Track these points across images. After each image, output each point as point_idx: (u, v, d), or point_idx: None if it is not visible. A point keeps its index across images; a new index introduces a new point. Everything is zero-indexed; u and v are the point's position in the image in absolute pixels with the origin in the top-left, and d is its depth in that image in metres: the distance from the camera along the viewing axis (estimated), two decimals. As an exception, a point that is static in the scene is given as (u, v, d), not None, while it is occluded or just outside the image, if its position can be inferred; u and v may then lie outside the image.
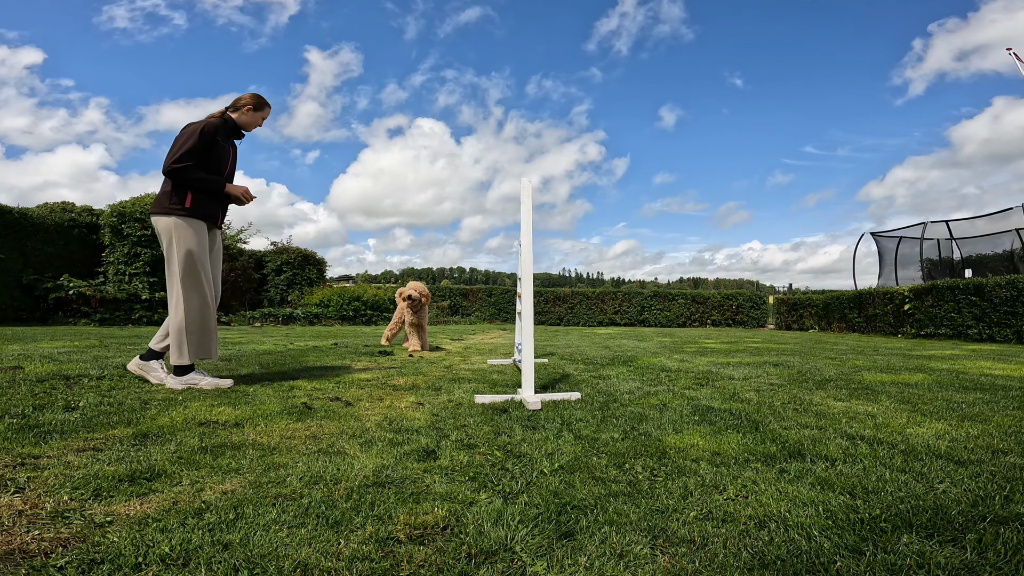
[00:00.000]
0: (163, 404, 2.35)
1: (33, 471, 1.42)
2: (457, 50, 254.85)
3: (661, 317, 18.94)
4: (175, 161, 2.75)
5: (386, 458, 1.63)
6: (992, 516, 1.21)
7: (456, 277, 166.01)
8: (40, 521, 1.12)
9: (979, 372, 4.06)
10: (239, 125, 3.09)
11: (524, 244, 2.97)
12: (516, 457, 1.67)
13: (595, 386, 3.18)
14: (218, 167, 2.95)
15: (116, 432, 1.84)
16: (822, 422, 2.21)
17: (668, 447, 1.80)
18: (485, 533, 1.12)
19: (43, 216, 10.47)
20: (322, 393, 2.76)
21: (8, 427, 1.83)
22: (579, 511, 1.25)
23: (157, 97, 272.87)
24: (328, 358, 4.51)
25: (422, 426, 2.07)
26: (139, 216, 10.65)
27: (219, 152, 2.93)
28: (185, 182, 2.81)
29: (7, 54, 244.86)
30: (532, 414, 2.32)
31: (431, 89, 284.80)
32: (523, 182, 2.91)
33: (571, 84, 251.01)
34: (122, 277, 10.60)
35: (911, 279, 14.52)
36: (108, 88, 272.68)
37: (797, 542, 1.09)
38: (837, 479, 1.47)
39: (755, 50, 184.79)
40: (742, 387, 3.19)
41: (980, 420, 2.26)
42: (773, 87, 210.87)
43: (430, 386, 3.11)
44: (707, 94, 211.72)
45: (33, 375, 2.97)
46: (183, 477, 1.42)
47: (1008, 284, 8.57)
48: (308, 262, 15.33)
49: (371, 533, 1.11)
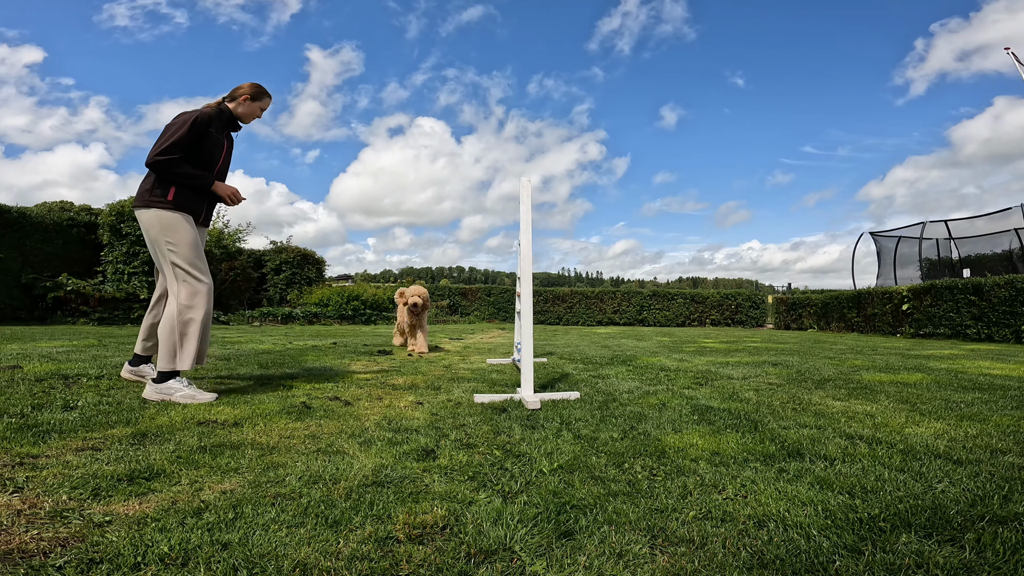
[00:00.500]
0: (162, 404, 2.34)
1: (32, 471, 1.42)
2: (459, 49, 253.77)
3: (660, 316, 18.94)
4: (159, 153, 2.53)
5: (385, 457, 1.63)
6: (990, 516, 1.22)
7: (455, 276, 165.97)
8: (39, 521, 1.12)
9: (978, 372, 4.06)
10: (236, 116, 2.87)
11: (523, 243, 2.97)
12: (515, 456, 1.67)
13: (594, 385, 3.18)
14: (209, 160, 2.73)
15: (115, 432, 1.84)
16: (821, 422, 2.21)
17: (667, 447, 1.80)
18: (484, 532, 1.12)
19: (42, 215, 10.45)
20: (321, 392, 2.75)
21: (7, 427, 1.83)
22: (578, 510, 1.25)
23: (157, 96, 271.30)
24: (327, 357, 4.51)
25: (421, 425, 2.07)
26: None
27: (211, 144, 2.72)
28: (169, 176, 2.59)
29: (7, 52, 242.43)
30: (531, 413, 2.32)
31: (432, 88, 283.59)
32: (522, 181, 2.91)
33: (572, 83, 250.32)
34: (121, 276, 10.58)
35: (910, 279, 14.54)
36: (108, 86, 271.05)
37: (796, 542, 1.10)
38: (836, 479, 1.47)
39: (757, 50, 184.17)
40: (741, 387, 3.19)
41: (979, 420, 2.27)
42: (775, 87, 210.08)
43: (429, 385, 3.11)
44: (709, 94, 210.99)
45: (32, 374, 2.96)
46: (182, 477, 1.41)
47: (1007, 284, 8.58)
48: (307, 261, 15.32)
49: (370, 533, 1.11)
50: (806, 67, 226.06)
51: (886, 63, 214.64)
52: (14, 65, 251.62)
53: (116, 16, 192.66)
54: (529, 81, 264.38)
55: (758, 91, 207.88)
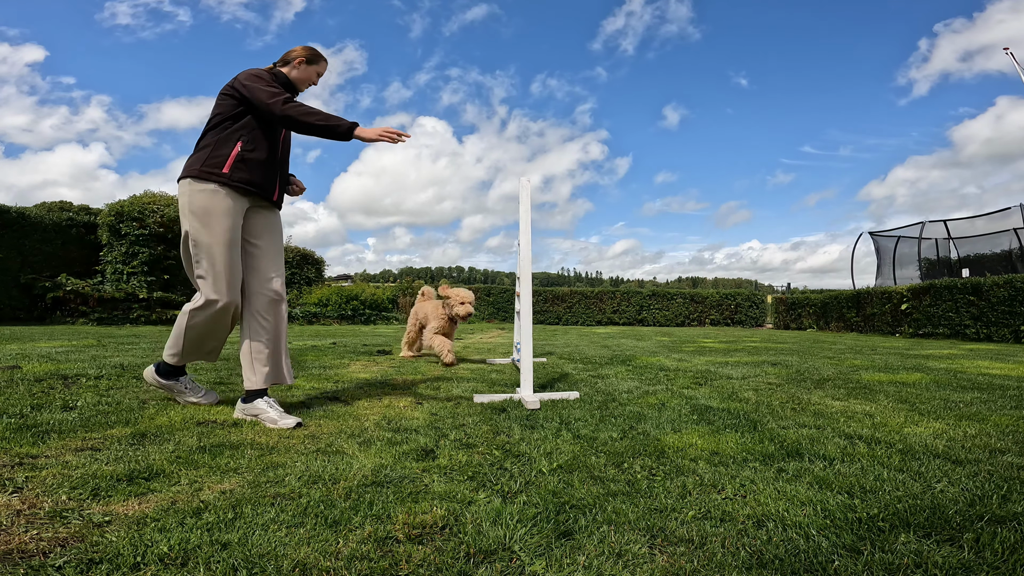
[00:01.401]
0: (161, 404, 2.34)
1: (31, 471, 1.42)
2: (463, 48, 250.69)
3: (660, 316, 18.95)
4: (273, 98, 2.16)
5: (385, 457, 1.63)
6: (989, 515, 1.22)
7: (455, 276, 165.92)
8: (38, 521, 1.12)
9: (977, 371, 4.07)
10: (291, 81, 2.45)
11: (523, 243, 2.97)
12: (515, 456, 1.68)
13: (594, 385, 3.18)
14: (269, 130, 2.32)
15: (114, 432, 1.84)
16: (820, 421, 2.21)
17: (666, 446, 1.80)
18: (484, 532, 1.12)
19: (41, 215, 10.44)
20: (320, 392, 2.76)
21: (6, 427, 1.83)
22: (577, 510, 1.25)
23: (159, 95, 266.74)
24: (327, 357, 4.51)
25: (421, 425, 2.07)
26: (136, 215, 10.62)
27: None
28: (302, 124, 2.18)
29: (8, 51, 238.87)
30: (531, 413, 2.32)
31: (435, 87, 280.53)
32: (521, 181, 2.91)
33: (576, 83, 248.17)
34: (120, 276, 10.57)
35: (909, 279, 14.55)
36: (109, 85, 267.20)
37: (795, 541, 1.10)
38: (835, 478, 1.48)
39: (761, 50, 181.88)
40: (740, 386, 3.20)
41: (978, 419, 2.27)
42: (778, 86, 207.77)
43: (429, 385, 3.11)
44: (712, 93, 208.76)
45: (31, 374, 2.96)
46: (181, 477, 1.42)
47: (1006, 283, 8.59)
48: (306, 261, 15.32)
49: (370, 532, 1.11)
50: (810, 66, 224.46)
51: (890, 63, 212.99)
52: (15, 64, 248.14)
53: (118, 14, 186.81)
54: (532, 81, 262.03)
55: (761, 91, 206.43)
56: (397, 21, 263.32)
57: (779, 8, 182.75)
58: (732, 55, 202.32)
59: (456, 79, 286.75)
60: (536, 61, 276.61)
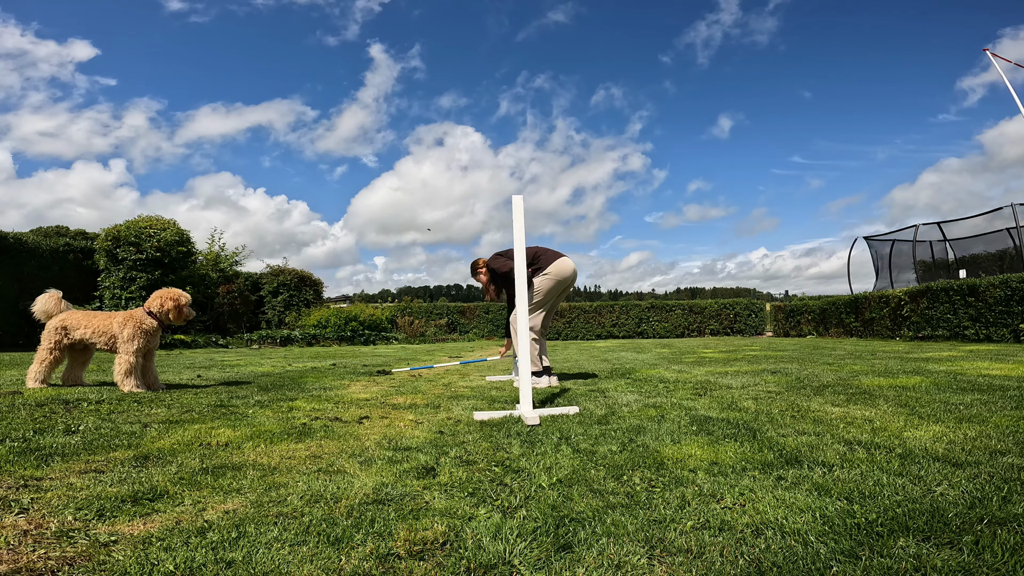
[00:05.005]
0: (163, 427, 2.35)
1: (36, 492, 1.43)
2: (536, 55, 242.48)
3: (659, 328, 18.95)
4: None
5: (386, 476, 1.64)
6: (989, 518, 1.22)
7: (454, 294, 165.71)
8: (45, 540, 1.13)
9: (976, 373, 4.07)
10: None
11: (517, 261, 2.99)
12: (515, 472, 1.68)
13: (593, 399, 3.19)
14: None
15: (117, 454, 1.85)
16: (819, 428, 2.22)
17: (666, 458, 1.81)
18: (484, 547, 1.13)
19: (38, 242, 10.49)
20: (321, 413, 2.76)
21: (10, 450, 1.84)
22: (577, 523, 1.26)
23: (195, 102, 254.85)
24: (327, 378, 4.51)
25: (421, 444, 2.08)
26: (133, 240, 10.63)
27: None
28: None
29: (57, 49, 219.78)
30: (531, 429, 2.33)
31: (494, 94, 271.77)
32: (515, 199, 2.94)
33: (640, 94, 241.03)
34: (118, 302, 10.59)
35: (907, 281, 14.58)
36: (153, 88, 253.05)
37: (794, 548, 1.11)
38: (834, 484, 1.48)
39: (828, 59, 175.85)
40: (740, 396, 3.20)
41: (978, 421, 2.28)
42: (838, 92, 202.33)
43: (429, 404, 3.11)
44: (774, 104, 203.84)
45: (32, 399, 2.97)
46: (185, 497, 1.42)
47: (1002, 283, 8.61)
48: (304, 283, 15.37)
49: (371, 549, 1.11)
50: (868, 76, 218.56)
51: (954, 70, 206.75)
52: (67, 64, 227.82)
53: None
54: (594, 92, 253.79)
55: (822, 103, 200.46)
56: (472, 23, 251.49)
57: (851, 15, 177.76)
58: (806, 69, 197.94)
59: (520, 85, 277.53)
60: (601, 71, 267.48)
